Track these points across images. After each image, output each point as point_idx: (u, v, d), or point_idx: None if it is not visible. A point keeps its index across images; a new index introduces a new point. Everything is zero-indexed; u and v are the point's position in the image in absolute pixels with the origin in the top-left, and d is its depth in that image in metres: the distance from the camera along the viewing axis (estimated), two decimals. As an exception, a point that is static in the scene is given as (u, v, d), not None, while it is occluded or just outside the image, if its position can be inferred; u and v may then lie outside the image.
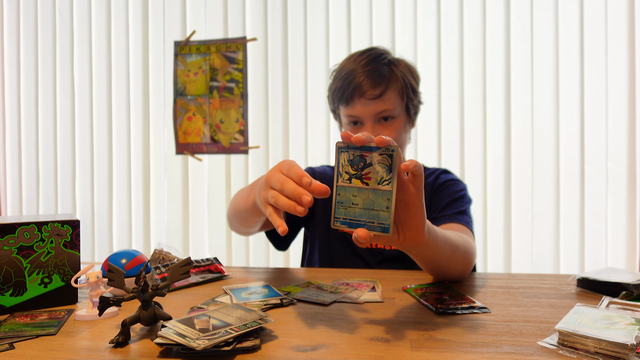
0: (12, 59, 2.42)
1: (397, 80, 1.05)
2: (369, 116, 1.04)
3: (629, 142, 1.89)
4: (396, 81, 1.05)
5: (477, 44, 2.00)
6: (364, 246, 0.57)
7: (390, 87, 1.04)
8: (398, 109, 1.06)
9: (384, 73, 1.04)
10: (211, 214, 2.25)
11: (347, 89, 1.04)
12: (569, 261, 1.95)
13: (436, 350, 0.53)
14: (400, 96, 1.06)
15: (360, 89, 1.03)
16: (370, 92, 1.02)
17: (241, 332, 0.53)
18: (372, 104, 1.03)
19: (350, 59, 1.09)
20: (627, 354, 0.49)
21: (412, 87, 1.09)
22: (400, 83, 1.06)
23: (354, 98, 1.04)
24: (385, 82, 1.03)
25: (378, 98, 1.03)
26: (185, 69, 2.17)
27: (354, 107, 1.05)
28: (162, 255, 0.92)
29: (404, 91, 1.06)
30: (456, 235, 0.80)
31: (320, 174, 1.21)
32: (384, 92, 1.03)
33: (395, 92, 1.05)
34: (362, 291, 0.78)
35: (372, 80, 1.03)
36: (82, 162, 2.37)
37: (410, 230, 0.60)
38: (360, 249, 1.11)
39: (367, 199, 0.56)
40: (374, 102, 1.03)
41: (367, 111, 1.04)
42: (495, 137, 1.99)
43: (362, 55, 1.08)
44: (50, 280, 0.71)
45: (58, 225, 0.71)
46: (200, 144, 2.17)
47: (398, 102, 1.06)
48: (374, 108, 1.04)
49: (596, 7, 1.90)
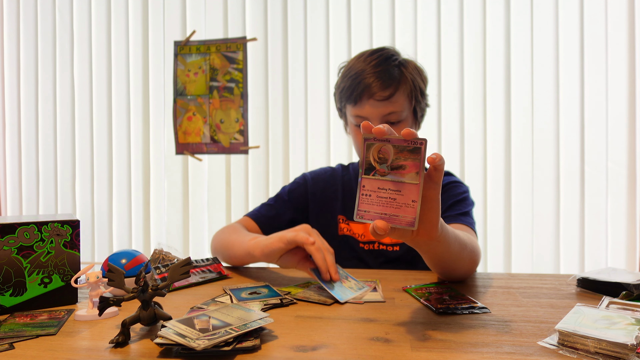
0: (12, 59, 2.42)
1: (406, 83, 1.05)
2: (376, 117, 1.03)
3: (629, 142, 1.89)
4: (405, 83, 1.05)
5: (477, 44, 2.00)
6: (380, 239, 0.56)
7: (400, 90, 1.03)
8: (406, 112, 1.06)
9: (394, 75, 1.03)
10: (211, 214, 2.24)
11: (356, 89, 1.03)
12: (569, 261, 1.95)
13: (436, 350, 0.53)
14: (408, 99, 1.06)
15: (369, 90, 1.02)
16: (379, 93, 1.02)
17: (241, 332, 0.53)
18: (380, 106, 1.03)
19: (360, 58, 1.08)
20: (627, 354, 0.49)
21: (420, 89, 1.08)
22: (409, 86, 1.05)
23: (362, 98, 1.03)
24: (395, 84, 1.03)
25: (387, 100, 1.02)
26: (185, 69, 2.17)
27: (362, 108, 1.04)
28: (162, 255, 0.92)
29: (412, 94, 1.06)
30: (464, 234, 0.80)
31: (314, 178, 1.21)
32: (393, 94, 1.02)
33: (404, 95, 1.05)
34: (366, 292, 0.78)
35: (382, 82, 1.02)
36: (82, 162, 2.37)
37: (424, 224, 0.59)
38: (362, 251, 1.11)
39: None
40: (383, 103, 1.02)
41: (375, 112, 1.03)
42: (495, 137, 1.99)
43: (372, 56, 1.07)
44: (50, 280, 0.71)
45: (58, 225, 0.71)
46: (200, 144, 2.17)
47: (406, 105, 1.05)
48: (382, 110, 1.03)
49: (596, 7, 1.90)
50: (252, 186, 2.19)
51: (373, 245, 1.10)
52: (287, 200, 1.17)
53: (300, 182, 1.21)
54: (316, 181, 1.20)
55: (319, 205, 1.17)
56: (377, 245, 1.10)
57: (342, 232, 1.14)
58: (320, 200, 1.18)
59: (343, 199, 1.16)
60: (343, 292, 0.75)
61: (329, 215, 1.16)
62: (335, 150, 2.08)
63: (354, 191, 1.16)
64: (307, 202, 1.18)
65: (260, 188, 2.18)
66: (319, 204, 1.17)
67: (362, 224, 1.12)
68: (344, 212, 1.15)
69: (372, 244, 1.11)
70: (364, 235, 1.11)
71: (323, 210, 1.17)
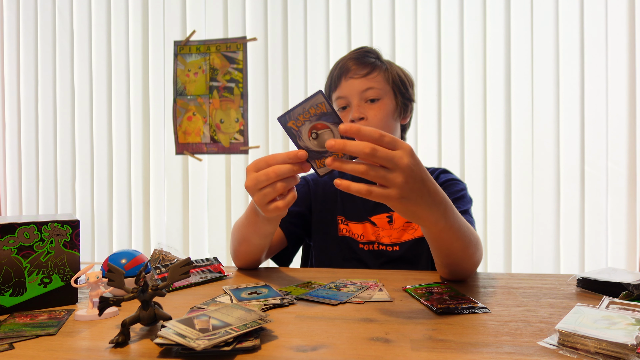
0: (12, 59, 2.42)
1: (382, 68, 1.10)
2: (355, 94, 1.06)
3: (629, 142, 1.89)
4: (382, 68, 1.09)
5: (477, 44, 2.00)
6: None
7: (376, 70, 1.08)
8: (385, 91, 1.08)
9: (371, 60, 1.09)
10: (211, 214, 2.24)
11: (335, 73, 1.10)
12: (569, 261, 1.95)
13: (436, 350, 0.53)
14: (386, 81, 1.09)
15: (347, 71, 1.08)
16: (355, 70, 1.07)
17: (241, 332, 0.53)
18: (357, 82, 1.06)
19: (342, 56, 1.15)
20: (628, 354, 0.49)
21: (399, 78, 1.11)
22: (387, 71, 1.10)
23: (341, 79, 1.08)
24: (371, 65, 1.08)
25: (364, 77, 1.06)
26: (185, 69, 2.17)
27: (342, 88, 1.08)
28: (162, 255, 0.92)
29: (390, 77, 1.10)
30: (468, 228, 0.80)
31: (314, 179, 1.21)
32: (370, 72, 1.07)
33: (382, 76, 1.09)
34: (373, 291, 0.78)
35: (359, 62, 1.08)
36: (82, 162, 2.37)
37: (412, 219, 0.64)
38: (361, 252, 1.10)
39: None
40: (360, 80, 1.06)
41: (352, 89, 1.06)
42: (496, 137, 1.99)
43: (352, 50, 1.15)
44: (50, 280, 0.70)
45: (58, 225, 0.71)
46: (200, 143, 2.17)
47: (384, 85, 1.08)
48: (359, 85, 1.06)
49: (596, 7, 1.90)
50: (252, 186, 2.19)
51: (373, 246, 1.10)
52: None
53: (302, 183, 1.21)
54: (316, 182, 1.20)
55: (320, 206, 1.17)
56: (376, 245, 1.09)
57: (341, 233, 1.13)
58: (321, 201, 1.18)
59: (341, 199, 1.16)
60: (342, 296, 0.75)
61: (329, 216, 1.15)
62: (335, 150, 2.08)
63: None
64: (311, 202, 1.18)
65: (260, 188, 2.18)
66: (321, 204, 1.18)
67: (361, 224, 1.11)
68: (343, 213, 1.14)
69: (372, 245, 1.10)
70: (363, 236, 1.11)
71: (324, 211, 1.16)
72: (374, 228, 1.10)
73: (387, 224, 1.10)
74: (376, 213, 1.11)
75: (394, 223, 1.10)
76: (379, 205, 1.10)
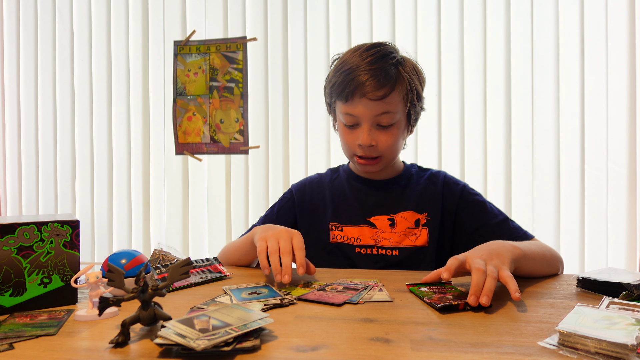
0: (12, 59, 2.42)
1: (402, 84, 0.99)
2: (368, 117, 0.99)
3: (629, 142, 1.89)
4: (402, 84, 0.99)
5: (477, 44, 2.00)
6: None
7: (395, 90, 0.98)
8: (399, 114, 1.01)
9: (390, 74, 0.97)
10: (211, 214, 2.24)
11: (349, 86, 0.97)
12: (569, 261, 1.95)
13: (436, 350, 0.53)
14: (403, 101, 1.00)
15: (362, 88, 0.96)
16: (373, 92, 0.96)
17: (241, 332, 0.53)
18: (373, 106, 0.98)
19: (355, 52, 1.01)
20: (628, 354, 0.49)
21: (417, 92, 1.03)
22: (405, 87, 1.00)
23: (354, 96, 0.98)
24: (390, 84, 0.97)
25: (381, 100, 0.97)
26: (185, 69, 2.17)
27: (355, 107, 0.99)
28: (162, 256, 0.92)
29: (408, 96, 1.00)
30: (536, 247, 0.92)
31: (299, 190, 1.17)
32: (387, 94, 0.97)
33: (400, 96, 0.99)
34: (373, 291, 0.78)
35: (376, 81, 0.96)
36: (82, 162, 2.37)
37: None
38: (358, 256, 1.06)
39: None
40: (376, 103, 0.97)
41: (367, 112, 0.98)
42: (496, 137, 1.99)
43: (368, 51, 1.00)
44: (50, 280, 0.70)
45: (58, 225, 0.71)
46: (200, 144, 2.17)
47: (400, 107, 1.00)
48: (375, 109, 0.98)
49: (596, 7, 1.90)
50: (252, 186, 2.19)
51: (372, 250, 1.06)
52: (274, 220, 1.13)
53: (287, 196, 1.18)
54: (302, 193, 1.16)
55: (308, 217, 1.13)
56: (375, 249, 1.05)
57: (334, 240, 1.08)
58: (309, 211, 1.14)
59: (332, 205, 1.11)
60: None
61: (319, 225, 1.11)
62: (336, 150, 2.08)
63: (345, 194, 1.12)
64: (295, 216, 1.15)
65: (260, 188, 2.18)
66: (308, 214, 1.13)
67: (358, 227, 1.07)
68: (336, 218, 1.10)
69: (371, 248, 1.06)
70: (360, 239, 1.07)
71: (314, 220, 1.12)
72: (372, 230, 1.07)
73: (389, 227, 1.07)
74: (376, 214, 1.08)
75: (396, 226, 1.06)
76: (379, 207, 1.09)
